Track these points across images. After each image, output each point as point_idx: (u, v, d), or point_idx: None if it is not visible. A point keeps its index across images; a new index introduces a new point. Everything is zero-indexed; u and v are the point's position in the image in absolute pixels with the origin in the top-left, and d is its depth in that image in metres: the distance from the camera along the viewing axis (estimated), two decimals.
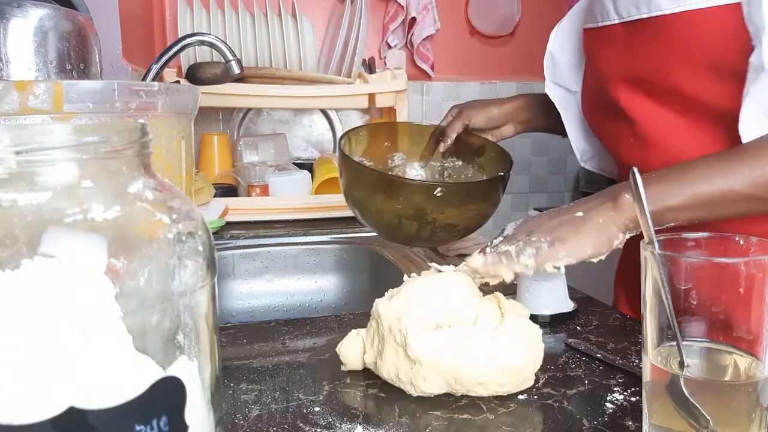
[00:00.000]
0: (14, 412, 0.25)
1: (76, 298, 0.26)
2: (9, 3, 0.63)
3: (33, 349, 0.25)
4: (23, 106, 0.49)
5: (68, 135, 0.28)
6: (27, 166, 0.27)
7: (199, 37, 0.94)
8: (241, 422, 0.49)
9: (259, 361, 0.61)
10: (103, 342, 0.27)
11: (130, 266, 0.28)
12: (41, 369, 0.25)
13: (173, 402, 0.29)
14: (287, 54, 1.49)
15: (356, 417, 0.50)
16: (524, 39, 1.99)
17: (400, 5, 1.79)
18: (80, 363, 0.26)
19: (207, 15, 1.48)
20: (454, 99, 1.98)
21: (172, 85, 0.60)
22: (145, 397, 0.27)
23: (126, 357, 0.27)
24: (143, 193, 0.31)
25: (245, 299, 1.13)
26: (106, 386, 0.27)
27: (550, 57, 0.92)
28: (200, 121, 1.63)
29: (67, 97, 0.51)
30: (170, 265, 0.30)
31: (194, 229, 0.32)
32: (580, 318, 0.72)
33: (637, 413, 0.50)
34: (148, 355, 0.28)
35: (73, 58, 0.68)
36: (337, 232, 1.22)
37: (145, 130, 0.31)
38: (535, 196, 2.14)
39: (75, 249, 0.27)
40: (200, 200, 1.16)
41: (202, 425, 0.31)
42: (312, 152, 1.77)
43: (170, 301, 0.30)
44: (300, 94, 1.38)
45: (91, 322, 0.26)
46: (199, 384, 0.32)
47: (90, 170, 0.28)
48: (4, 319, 0.25)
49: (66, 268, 0.26)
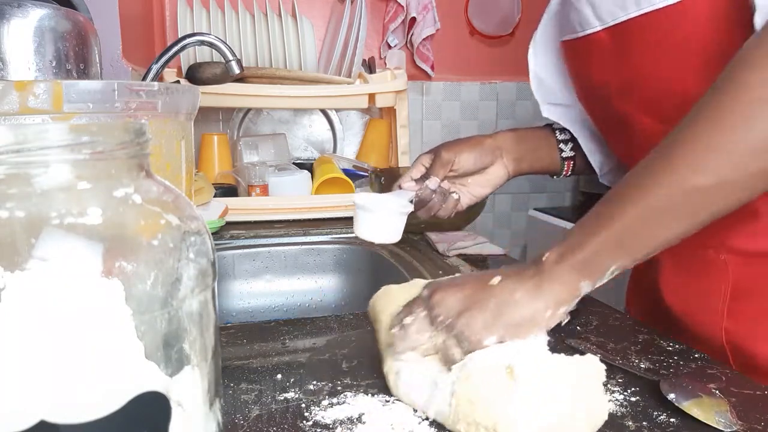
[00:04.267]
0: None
1: (57, 306, 0.25)
2: (9, 3, 0.63)
3: (3, 359, 0.24)
4: (23, 106, 0.49)
5: (62, 135, 0.27)
6: (21, 167, 0.27)
7: (199, 37, 0.94)
8: (241, 422, 0.49)
9: (259, 361, 0.61)
10: (83, 352, 0.26)
11: (125, 270, 0.28)
12: (12, 379, 0.24)
13: (155, 419, 0.28)
14: (287, 54, 1.49)
15: (357, 417, 0.50)
16: (524, 39, 1.97)
17: (400, 5, 1.79)
18: (53, 374, 0.25)
19: (207, 15, 1.48)
20: (454, 99, 1.98)
21: (172, 85, 0.60)
22: (122, 413, 0.26)
23: (104, 368, 0.26)
24: (141, 194, 0.30)
25: (245, 299, 1.13)
26: (80, 400, 0.25)
27: (536, 78, 0.83)
28: (200, 121, 1.63)
29: (67, 97, 0.51)
30: (169, 267, 0.30)
31: (194, 230, 0.32)
32: (580, 318, 0.72)
33: (637, 413, 0.50)
34: (152, 361, 0.28)
35: (73, 58, 0.68)
36: (337, 232, 1.22)
37: (142, 130, 0.31)
38: (535, 197, 2.14)
39: (69, 253, 0.26)
40: (200, 200, 1.16)
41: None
42: (312, 152, 1.77)
43: (170, 305, 0.30)
44: (300, 94, 1.38)
45: (72, 331, 0.25)
46: (200, 393, 0.32)
47: (87, 171, 0.28)
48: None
49: (51, 275, 0.25)
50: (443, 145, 0.78)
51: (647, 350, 0.63)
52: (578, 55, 0.72)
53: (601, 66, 0.68)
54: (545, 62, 0.82)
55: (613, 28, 0.64)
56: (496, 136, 0.80)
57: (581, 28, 0.68)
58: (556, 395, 0.44)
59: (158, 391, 0.28)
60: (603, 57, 0.67)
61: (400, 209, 0.71)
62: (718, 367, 0.59)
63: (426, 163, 0.78)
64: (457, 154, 0.76)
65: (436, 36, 1.87)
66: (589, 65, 0.71)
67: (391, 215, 0.71)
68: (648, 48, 0.63)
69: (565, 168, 0.84)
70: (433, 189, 0.75)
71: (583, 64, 0.72)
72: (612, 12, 0.63)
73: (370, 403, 0.52)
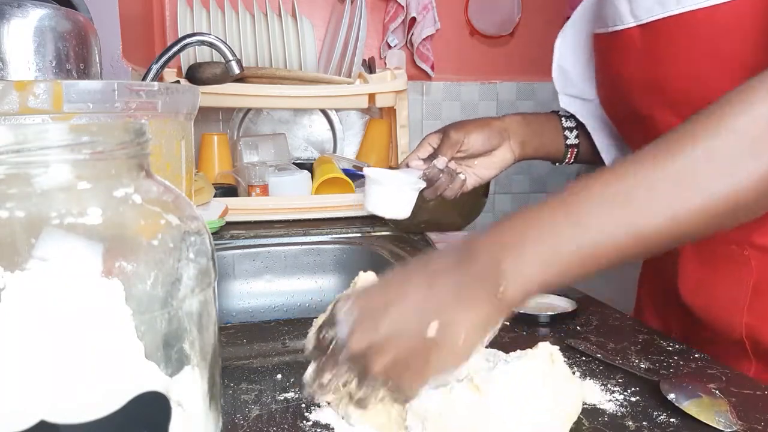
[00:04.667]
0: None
1: (57, 306, 0.25)
2: (9, 3, 0.63)
3: (3, 359, 0.24)
4: (23, 106, 0.49)
5: (62, 135, 0.27)
6: (21, 167, 0.27)
7: (199, 37, 0.94)
8: (241, 422, 0.49)
9: (259, 361, 0.61)
10: (83, 352, 0.26)
11: (125, 270, 0.28)
12: (12, 379, 0.24)
13: (155, 419, 0.28)
14: (287, 54, 1.49)
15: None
16: (524, 39, 1.98)
17: (400, 5, 1.79)
18: (53, 374, 0.25)
19: (207, 15, 1.48)
20: (454, 99, 1.98)
21: (172, 85, 0.60)
22: (122, 413, 0.26)
23: (104, 368, 0.26)
24: (141, 194, 0.30)
25: (245, 299, 1.13)
26: (80, 400, 0.25)
27: (559, 69, 0.83)
28: (200, 121, 1.63)
29: (67, 97, 0.51)
30: (169, 267, 0.30)
31: (194, 230, 0.32)
32: (580, 318, 0.72)
33: (637, 413, 0.50)
34: (152, 361, 0.28)
35: (73, 58, 0.68)
36: (337, 232, 1.22)
37: (142, 130, 0.31)
38: (535, 197, 2.14)
39: (69, 253, 0.26)
40: (200, 200, 1.16)
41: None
42: (312, 152, 1.77)
43: (170, 305, 0.30)
44: (300, 94, 1.38)
45: (72, 331, 0.25)
46: (200, 393, 0.32)
47: (87, 171, 0.28)
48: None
49: (51, 275, 0.25)
50: (452, 125, 0.78)
51: (647, 350, 0.63)
52: (607, 50, 0.72)
53: (629, 63, 0.68)
54: (572, 53, 0.81)
55: (648, 25, 0.64)
56: (504, 118, 0.80)
57: (613, 24, 0.68)
58: (529, 393, 0.44)
59: (158, 391, 0.28)
60: (632, 54, 0.67)
61: (412, 184, 0.72)
62: (718, 367, 0.59)
63: (434, 143, 0.78)
64: (466, 135, 0.76)
65: (436, 36, 1.87)
66: (616, 61, 0.70)
67: (403, 190, 0.71)
68: (680, 48, 0.62)
69: (569, 155, 0.85)
70: (441, 168, 0.75)
71: (611, 59, 0.72)
72: (650, 9, 0.62)
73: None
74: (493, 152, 0.79)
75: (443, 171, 0.75)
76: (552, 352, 0.47)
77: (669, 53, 0.63)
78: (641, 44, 0.66)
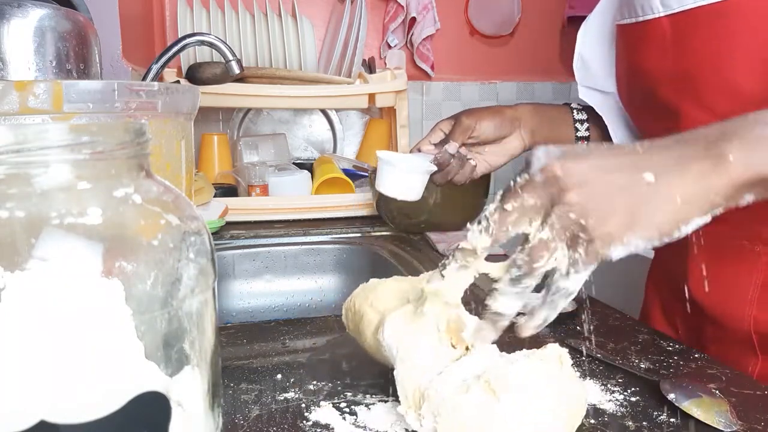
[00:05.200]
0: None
1: (57, 306, 0.25)
2: (9, 3, 0.63)
3: (3, 359, 0.24)
4: (23, 106, 0.49)
5: (62, 135, 0.27)
6: (21, 167, 0.27)
7: (199, 37, 0.94)
8: (241, 422, 0.49)
9: (259, 361, 0.61)
10: (83, 353, 0.26)
11: (125, 270, 0.28)
12: (12, 379, 0.24)
13: (155, 419, 0.28)
14: (287, 54, 1.49)
15: (357, 417, 0.50)
16: (524, 39, 1.98)
17: (400, 5, 1.79)
18: (53, 374, 0.25)
19: (207, 15, 1.48)
20: (454, 99, 1.98)
21: (172, 85, 0.60)
22: (122, 413, 0.26)
23: (104, 368, 0.26)
24: (141, 194, 0.30)
25: (245, 299, 1.13)
26: (80, 400, 0.25)
27: (580, 60, 0.82)
28: (200, 121, 1.63)
29: (67, 97, 0.51)
30: (169, 267, 0.30)
31: (194, 230, 0.32)
32: (580, 318, 0.72)
33: (637, 413, 0.50)
34: (152, 361, 0.28)
35: (73, 58, 0.68)
36: (337, 232, 1.22)
37: (142, 130, 0.31)
38: None
39: (69, 253, 0.26)
40: (200, 200, 1.16)
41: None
42: (312, 152, 1.77)
43: (170, 305, 0.30)
44: (300, 94, 1.38)
45: (72, 331, 0.25)
46: (200, 393, 0.32)
47: (87, 171, 0.28)
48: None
49: (51, 275, 0.25)
50: (464, 112, 0.78)
51: (647, 350, 0.63)
52: (632, 41, 0.71)
53: (657, 54, 0.67)
54: (594, 45, 0.81)
55: (678, 15, 0.63)
56: (516, 107, 0.81)
57: (642, 13, 0.67)
58: (541, 396, 0.44)
59: (158, 391, 0.28)
60: (659, 44, 0.66)
61: (423, 168, 0.73)
62: (718, 367, 0.59)
63: (445, 129, 0.78)
64: (477, 121, 0.77)
65: (436, 36, 1.87)
66: (641, 51, 0.69)
67: (414, 172, 0.73)
68: (710, 39, 0.61)
69: None
70: (452, 153, 0.76)
71: (636, 49, 0.71)
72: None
73: (370, 403, 0.52)
74: (504, 140, 0.80)
75: (454, 156, 0.76)
76: (561, 354, 0.47)
77: (700, 45, 0.62)
78: (667, 35, 0.65)
